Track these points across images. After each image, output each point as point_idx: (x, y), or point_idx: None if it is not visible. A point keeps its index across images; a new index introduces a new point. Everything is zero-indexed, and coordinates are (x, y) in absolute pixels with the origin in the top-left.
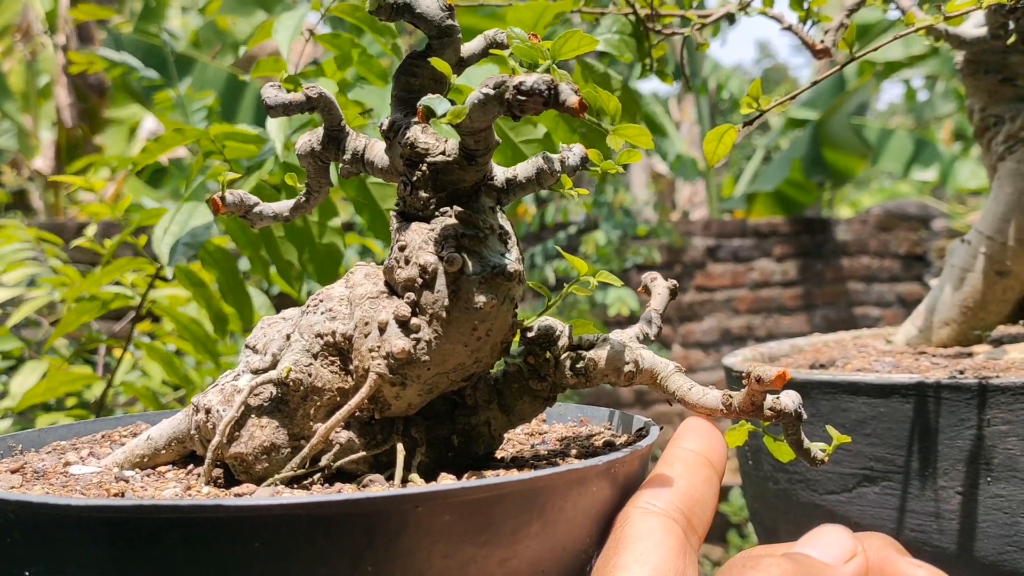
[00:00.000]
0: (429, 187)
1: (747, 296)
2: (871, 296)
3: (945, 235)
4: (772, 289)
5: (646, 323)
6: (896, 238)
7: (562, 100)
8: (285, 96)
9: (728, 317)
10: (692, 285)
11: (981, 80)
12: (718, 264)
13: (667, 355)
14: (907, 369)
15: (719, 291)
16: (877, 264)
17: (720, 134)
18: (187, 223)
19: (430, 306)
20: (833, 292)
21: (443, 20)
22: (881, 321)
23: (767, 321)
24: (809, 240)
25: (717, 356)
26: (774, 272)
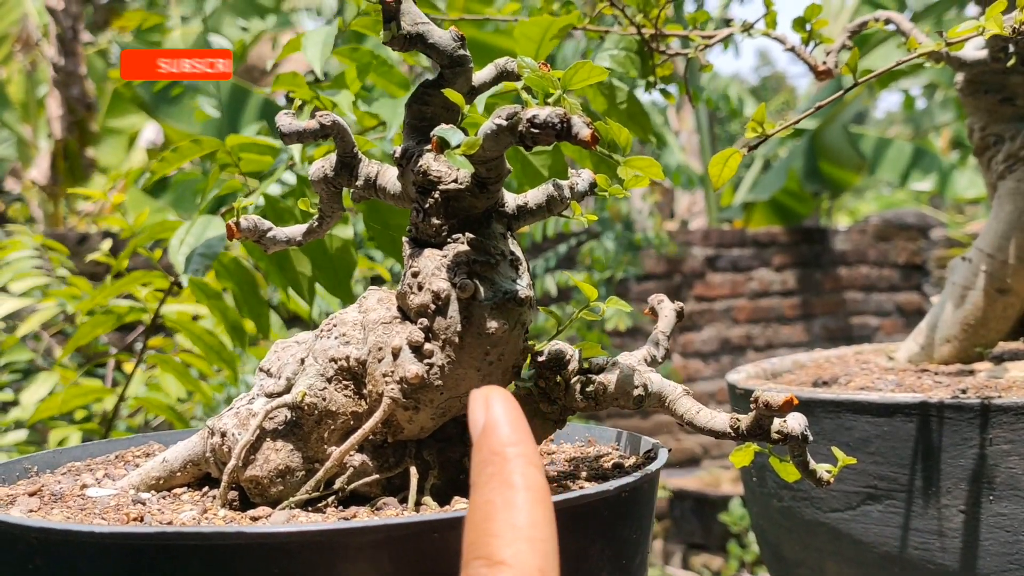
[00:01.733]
0: (441, 214)
1: (746, 306)
2: (870, 305)
3: (943, 244)
4: (771, 299)
5: (653, 345)
6: (895, 248)
7: (574, 133)
8: (299, 124)
9: (727, 327)
10: (691, 295)
11: (981, 100)
12: (717, 274)
13: (666, 365)
14: (910, 388)
15: (718, 301)
16: (876, 274)
17: (725, 158)
18: (202, 235)
19: (443, 332)
20: (832, 302)
21: (455, 50)
22: (880, 331)
23: (766, 331)
24: (808, 250)
25: (717, 366)
26: (773, 282)
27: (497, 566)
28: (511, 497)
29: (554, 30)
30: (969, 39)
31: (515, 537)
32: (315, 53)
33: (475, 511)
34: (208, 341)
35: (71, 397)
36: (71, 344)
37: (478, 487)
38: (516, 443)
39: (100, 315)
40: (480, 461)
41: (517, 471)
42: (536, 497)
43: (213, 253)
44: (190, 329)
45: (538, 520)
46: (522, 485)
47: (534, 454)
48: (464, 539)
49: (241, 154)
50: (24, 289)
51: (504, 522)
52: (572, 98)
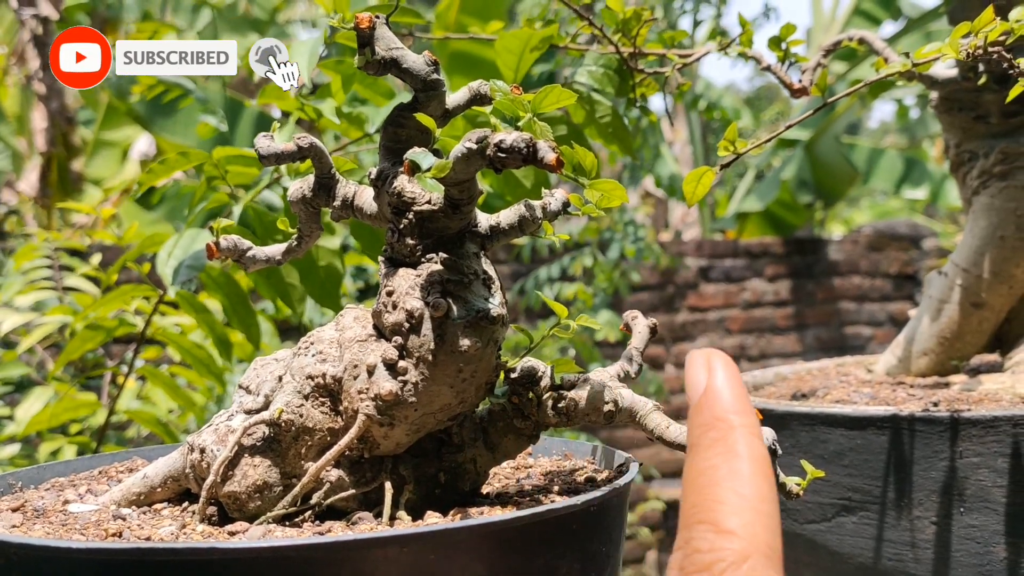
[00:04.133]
0: (415, 234)
1: (739, 316)
2: (862, 316)
3: (935, 255)
4: (764, 309)
5: (627, 361)
6: (887, 258)
7: (540, 157)
8: (277, 146)
9: (720, 337)
10: (684, 305)
11: (955, 117)
12: (710, 284)
13: (660, 376)
14: (884, 400)
15: (711, 311)
16: (868, 284)
17: (698, 176)
18: (190, 247)
19: (417, 349)
20: (825, 312)
21: (429, 75)
22: (873, 340)
23: (759, 341)
24: (800, 260)
25: None
26: (766, 292)
27: (726, 535)
28: (737, 465)
29: (534, 42)
30: (935, 60)
31: (742, 507)
32: (302, 64)
33: (698, 474)
34: (197, 355)
35: (61, 411)
36: (62, 359)
37: (699, 449)
38: (740, 412)
39: (89, 330)
40: (701, 424)
41: (742, 440)
42: (761, 470)
43: (200, 265)
44: (179, 343)
45: (765, 493)
46: (747, 455)
47: (757, 425)
48: (684, 500)
49: (228, 166)
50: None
51: (730, 490)
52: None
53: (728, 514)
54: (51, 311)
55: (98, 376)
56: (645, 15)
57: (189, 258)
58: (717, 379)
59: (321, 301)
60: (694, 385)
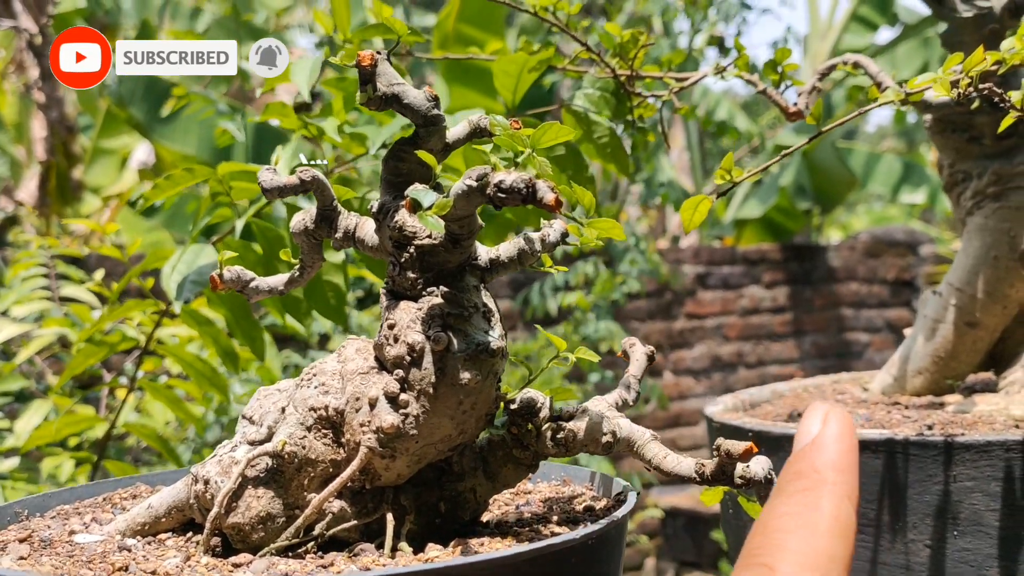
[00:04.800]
0: (416, 268)
1: (737, 323)
2: (860, 322)
3: (932, 261)
4: (762, 316)
5: (624, 389)
6: (884, 264)
7: (539, 198)
8: (280, 180)
9: (718, 344)
10: (682, 312)
11: (949, 138)
12: (708, 291)
13: (658, 382)
14: (879, 423)
15: (709, 318)
16: (866, 290)
17: (695, 204)
18: (194, 262)
19: (418, 382)
20: (822, 318)
21: (429, 110)
22: (870, 347)
23: (757, 348)
24: (798, 267)
25: (708, 383)
26: (764, 299)
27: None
28: (815, 519)
29: (531, 64)
30: (926, 89)
31: (808, 562)
32: (303, 80)
33: (772, 518)
34: (199, 367)
35: (64, 426)
36: (66, 374)
37: (782, 495)
38: (839, 470)
39: (93, 345)
40: (795, 471)
41: (830, 497)
42: (841, 531)
43: (205, 280)
44: (181, 356)
45: (836, 555)
46: (831, 513)
47: (854, 489)
48: (750, 539)
49: (232, 182)
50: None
51: (801, 540)
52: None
53: (790, 563)
54: (48, 323)
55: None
56: (642, 39)
57: (193, 273)
58: (828, 432)
59: (327, 315)
60: (804, 433)
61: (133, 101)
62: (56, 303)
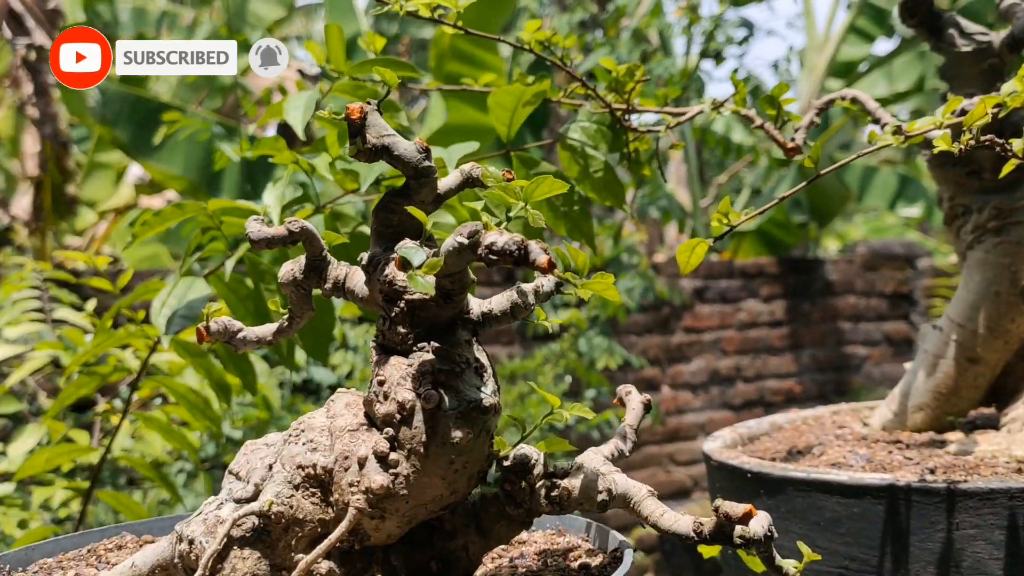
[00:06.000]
0: (407, 323)
1: (735, 337)
2: (858, 335)
3: (930, 274)
4: (760, 329)
5: (620, 439)
6: (882, 277)
7: (531, 260)
8: (268, 231)
9: (716, 358)
10: (680, 326)
11: (949, 172)
12: (706, 305)
13: (656, 396)
14: (880, 464)
15: (707, 332)
16: (864, 303)
17: (692, 247)
18: (185, 296)
19: (408, 441)
20: (820, 332)
21: (420, 162)
22: (868, 360)
23: (755, 362)
24: (796, 280)
25: (706, 397)
26: (761, 313)
27: None
28: None
29: (527, 97)
30: (926, 132)
31: None
32: (296, 117)
33: None
34: (192, 399)
35: (55, 455)
36: (55, 405)
37: None
38: None
39: (84, 376)
40: None
41: None
42: None
43: (194, 315)
44: (173, 387)
45: None
46: None
47: None
48: None
49: (223, 217)
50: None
51: None
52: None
53: None
54: (41, 345)
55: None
56: (638, 73)
57: (183, 308)
58: None
59: (312, 354)
60: None
61: (118, 122)
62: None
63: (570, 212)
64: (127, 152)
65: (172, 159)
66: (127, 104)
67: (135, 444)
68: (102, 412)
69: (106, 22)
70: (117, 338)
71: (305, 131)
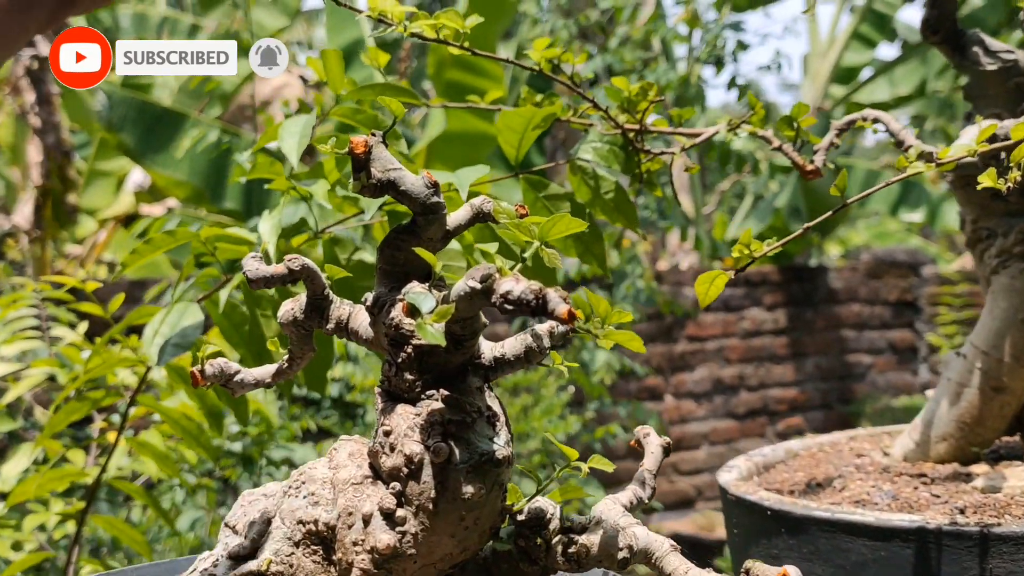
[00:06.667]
0: (414, 369)
1: (738, 345)
2: (862, 343)
3: (934, 282)
4: (763, 338)
5: (639, 485)
6: (886, 285)
7: (550, 310)
8: (266, 270)
9: (720, 367)
10: (683, 335)
11: (972, 194)
12: (709, 313)
13: (659, 406)
14: (907, 502)
15: (710, 340)
16: (867, 311)
17: (711, 278)
18: (178, 324)
19: (416, 497)
20: (824, 340)
21: (428, 197)
22: (872, 368)
23: (759, 370)
24: (799, 288)
25: (709, 406)
26: (765, 321)
27: None
28: None
29: (537, 119)
30: (960, 160)
31: None
32: (291, 144)
33: None
34: (186, 425)
35: (47, 481)
36: (46, 431)
37: None
38: None
39: (74, 402)
40: None
41: None
42: None
43: (188, 343)
44: (167, 413)
45: None
46: None
47: None
48: None
49: (217, 244)
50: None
51: None
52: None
53: None
54: (37, 363)
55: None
56: (652, 93)
57: (176, 336)
58: None
59: (311, 386)
60: None
61: (124, 127)
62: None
63: (581, 234)
64: (133, 157)
65: (178, 165)
66: (133, 109)
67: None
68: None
69: (107, 27)
70: (107, 364)
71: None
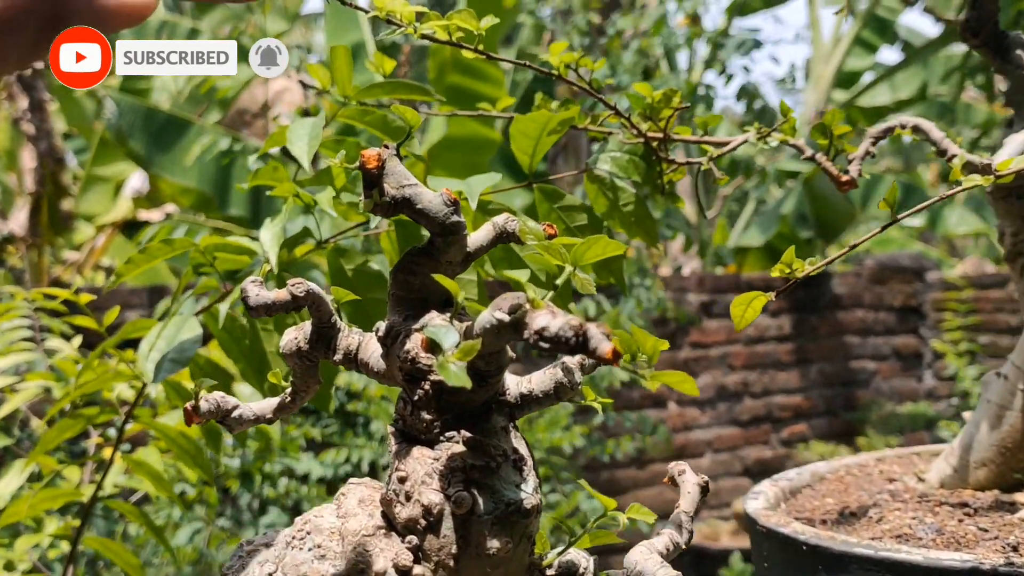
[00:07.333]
0: (433, 408)
1: (742, 352)
2: (867, 349)
3: (939, 287)
4: (767, 344)
5: (676, 528)
6: (890, 291)
7: (592, 348)
8: (267, 296)
9: (724, 373)
10: (687, 341)
11: (1013, 205)
12: (712, 320)
13: (663, 413)
14: (953, 537)
15: (714, 347)
16: (872, 317)
17: (748, 300)
18: (175, 338)
19: (435, 553)
20: (828, 346)
21: (447, 216)
22: (877, 375)
23: (763, 377)
24: (803, 294)
25: (713, 413)
26: (769, 327)
27: None
28: None
29: (552, 125)
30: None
31: None
32: (301, 148)
33: None
34: (182, 444)
35: (39, 502)
36: (38, 448)
37: None
38: None
39: (67, 419)
40: None
41: None
42: None
43: (185, 359)
44: (164, 431)
45: None
46: None
47: None
48: None
49: (216, 254)
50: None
51: None
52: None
53: None
54: (32, 376)
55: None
56: (675, 100)
57: (173, 351)
58: None
59: (314, 403)
60: None
61: (132, 133)
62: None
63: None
64: (142, 164)
65: (187, 171)
66: (140, 116)
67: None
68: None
69: None
70: (104, 378)
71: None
